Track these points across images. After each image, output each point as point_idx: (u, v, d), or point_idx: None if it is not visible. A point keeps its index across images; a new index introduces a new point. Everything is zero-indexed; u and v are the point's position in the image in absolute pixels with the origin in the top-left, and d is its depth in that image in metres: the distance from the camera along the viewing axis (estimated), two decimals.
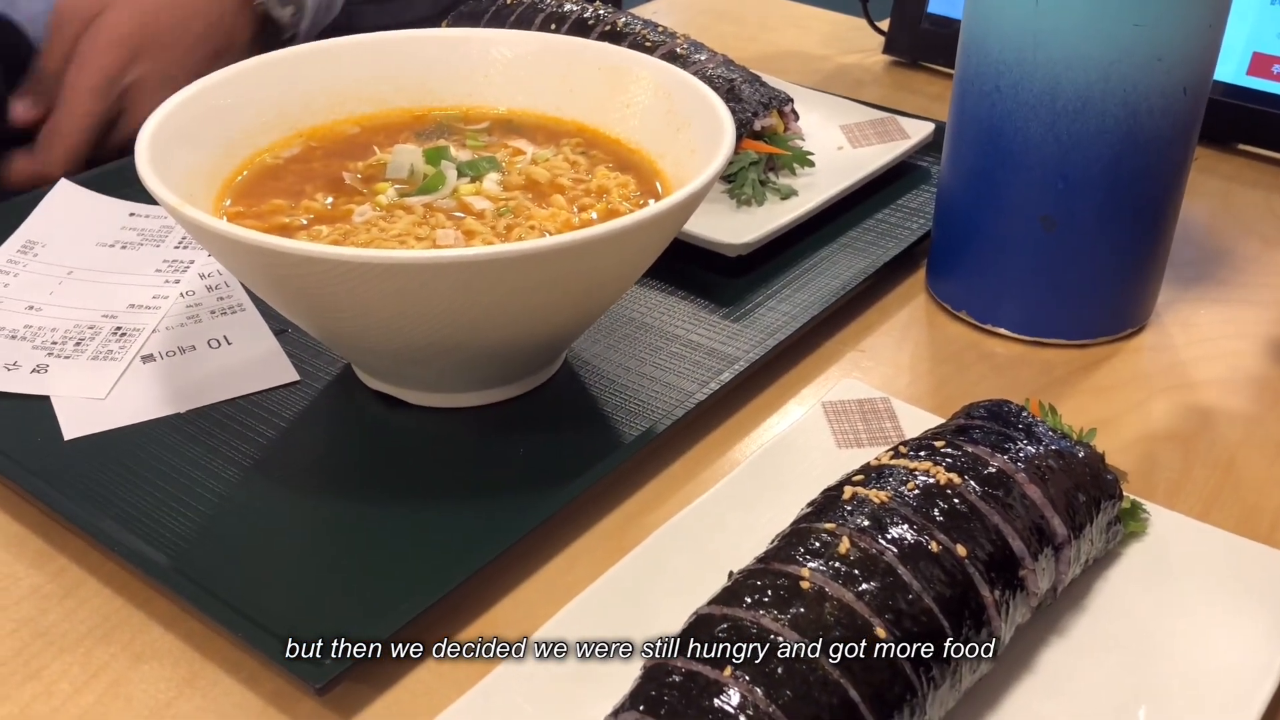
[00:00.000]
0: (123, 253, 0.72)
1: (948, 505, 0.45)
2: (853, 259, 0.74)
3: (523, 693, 0.45)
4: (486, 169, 0.63)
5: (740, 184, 0.77)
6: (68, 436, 0.58)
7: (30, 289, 0.68)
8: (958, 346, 0.69)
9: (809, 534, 0.44)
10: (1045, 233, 0.65)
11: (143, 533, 0.53)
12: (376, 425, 0.60)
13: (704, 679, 0.38)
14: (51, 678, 0.48)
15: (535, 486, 0.56)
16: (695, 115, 0.63)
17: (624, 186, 0.63)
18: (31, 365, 0.62)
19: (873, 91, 1.02)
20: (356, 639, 0.47)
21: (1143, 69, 0.60)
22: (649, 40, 0.82)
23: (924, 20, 1.04)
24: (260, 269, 0.53)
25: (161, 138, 0.58)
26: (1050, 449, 0.49)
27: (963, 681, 0.43)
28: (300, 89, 0.67)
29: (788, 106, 0.81)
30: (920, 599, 0.41)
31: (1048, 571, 0.46)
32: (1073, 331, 0.68)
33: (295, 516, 0.55)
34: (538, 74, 0.70)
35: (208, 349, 0.64)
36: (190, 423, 0.60)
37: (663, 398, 0.61)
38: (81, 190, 0.77)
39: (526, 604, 0.52)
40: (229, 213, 0.60)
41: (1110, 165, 0.63)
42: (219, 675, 0.48)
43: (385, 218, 0.60)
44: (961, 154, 0.67)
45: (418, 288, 0.50)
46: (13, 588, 0.52)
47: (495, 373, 0.60)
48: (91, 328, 0.65)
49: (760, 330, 0.67)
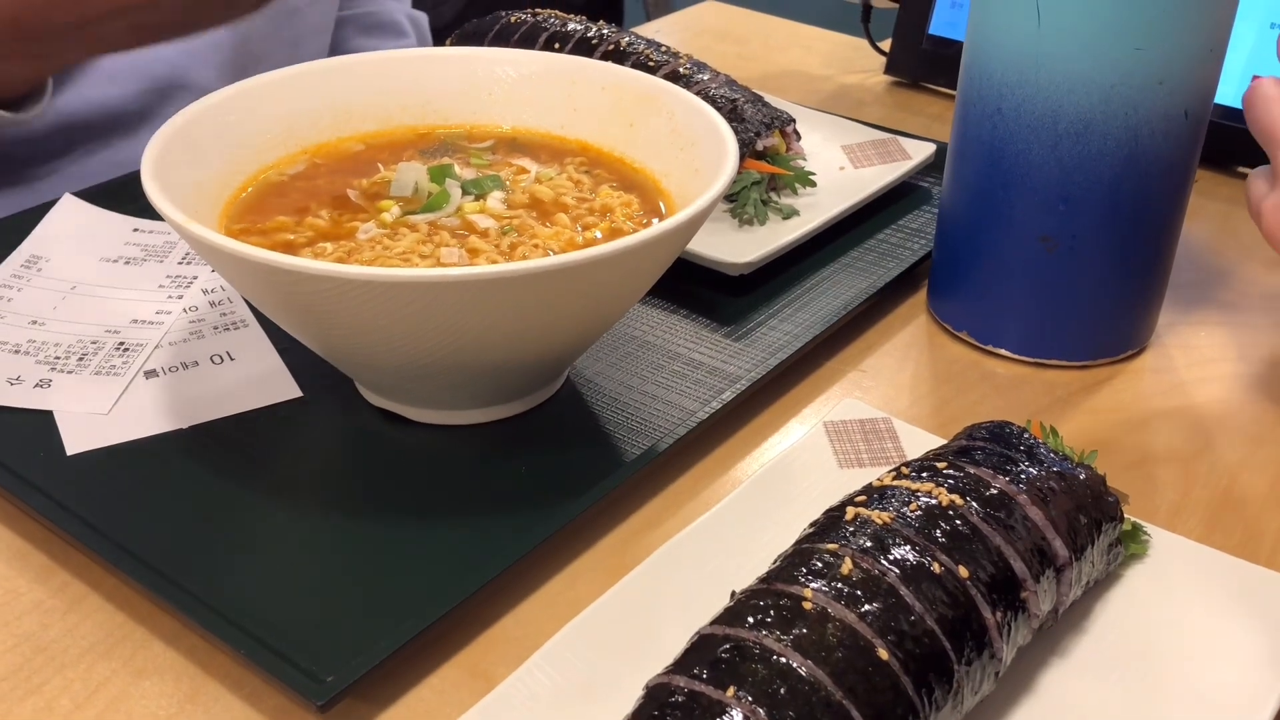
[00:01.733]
0: (126, 268, 0.72)
1: (950, 526, 0.45)
2: (854, 279, 0.74)
3: (524, 711, 0.45)
4: (490, 187, 0.63)
5: (742, 203, 0.77)
6: (70, 452, 0.58)
7: (34, 304, 0.68)
8: (959, 367, 0.69)
9: (811, 554, 0.44)
10: (1047, 254, 0.65)
11: (145, 548, 0.53)
12: (379, 442, 0.60)
13: (706, 699, 0.38)
14: (53, 693, 0.48)
15: (537, 504, 0.56)
16: (698, 135, 0.63)
17: (628, 206, 0.63)
18: (35, 380, 0.62)
19: (874, 112, 1.02)
20: (358, 656, 0.47)
21: (1144, 92, 0.61)
22: (652, 60, 0.83)
23: (925, 41, 1.05)
24: (264, 286, 0.53)
25: (167, 153, 0.58)
26: (1052, 470, 0.49)
27: (964, 703, 0.43)
28: (306, 106, 0.67)
29: (790, 127, 0.82)
30: (922, 620, 0.42)
31: (1049, 593, 0.46)
32: (1074, 353, 0.68)
33: (297, 533, 0.55)
34: (542, 93, 0.70)
35: (210, 365, 0.64)
36: (192, 438, 0.60)
37: (664, 416, 0.62)
38: (86, 205, 0.78)
39: (528, 621, 0.52)
40: (233, 229, 0.60)
41: (1112, 187, 0.63)
42: (220, 692, 0.48)
43: (389, 235, 0.60)
44: (963, 175, 0.68)
45: (421, 306, 0.50)
46: (14, 603, 0.52)
47: (498, 390, 0.60)
48: (95, 342, 0.65)
49: (762, 349, 0.67)
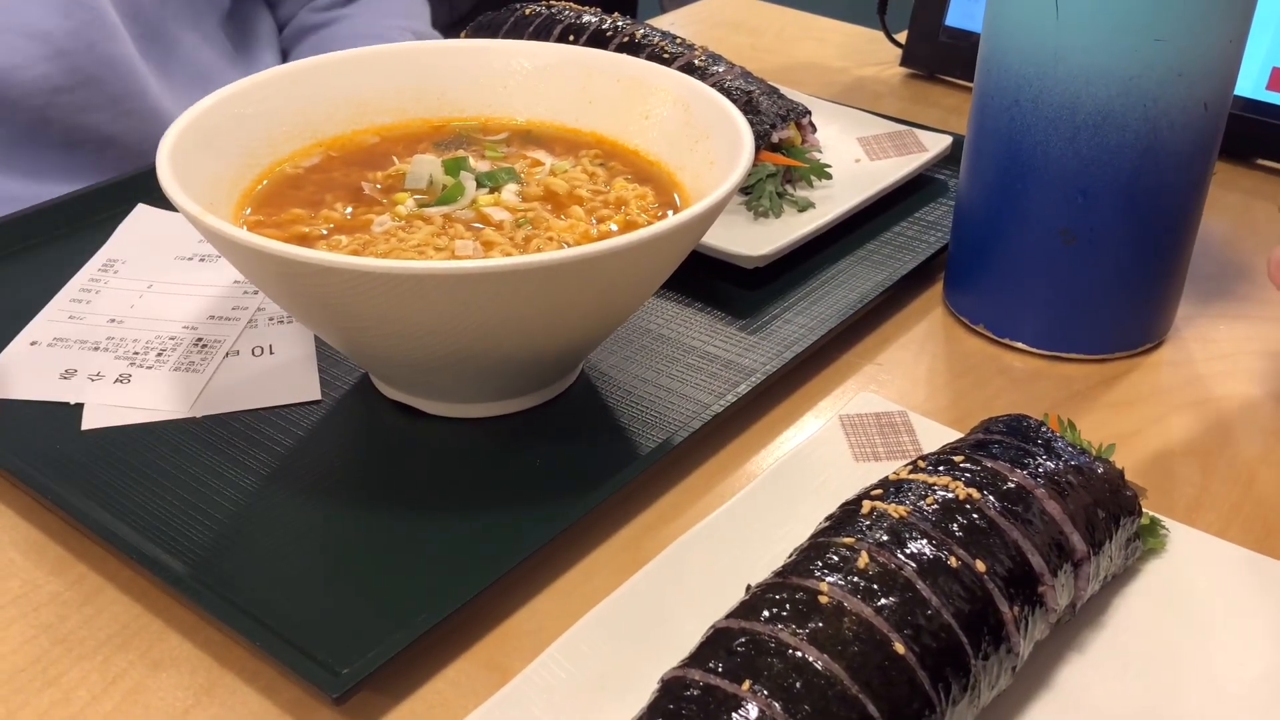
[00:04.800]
0: (201, 265, 0.73)
1: (967, 520, 0.45)
2: (870, 272, 0.74)
3: (540, 704, 0.45)
4: (505, 180, 0.63)
5: (757, 196, 0.77)
6: (85, 427, 0.59)
7: (112, 304, 0.69)
8: (975, 360, 0.69)
9: (827, 548, 0.43)
10: (1064, 247, 0.65)
11: (161, 540, 0.53)
12: (394, 435, 0.61)
13: (722, 693, 0.38)
14: (70, 685, 0.48)
15: (552, 497, 0.56)
16: (714, 127, 0.63)
17: (642, 198, 0.63)
18: (115, 375, 0.63)
19: (890, 104, 1.02)
20: (374, 648, 0.47)
21: (1163, 84, 0.60)
22: (667, 52, 0.82)
23: (941, 33, 1.04)
24: (279, 278, 0.53)
25: (183, 146, 0.58)
26: (1069, 465, 0.49)
27: (981, 698, 0.42)
28: (321, 98, 0.67)
29: (805, 119, 0.81)
30: (939, 614, 0.41)
31: (1067, 588, 0.46)
32: (1091, 346, 0.68)
33: (313, 525, 0.55)
34: (556, 85, 0.70)
35: (251, 356, 0.65)
36: (209, 430, 0.60)
37: (679, 409, 0.61)
38: (158, 211, 0.78)
39: (544, 614, 0.52)
40: (249, 221, 0.60)
41: (1130, 180, 0.63)
42: (237, 684, 0.48)
43: (404, 228, 0.60)
44: (980, 167, 0.67)
45: (436, 299, 0.50)
46: (32, 594, 0.52)
47: (513, 383, 0.60)
48: (173, 339, 0.66)
49: (777, 342, 0.67)
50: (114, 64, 0.93)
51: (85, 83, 0.92)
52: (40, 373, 0.63)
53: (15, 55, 0.89)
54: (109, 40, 0.93)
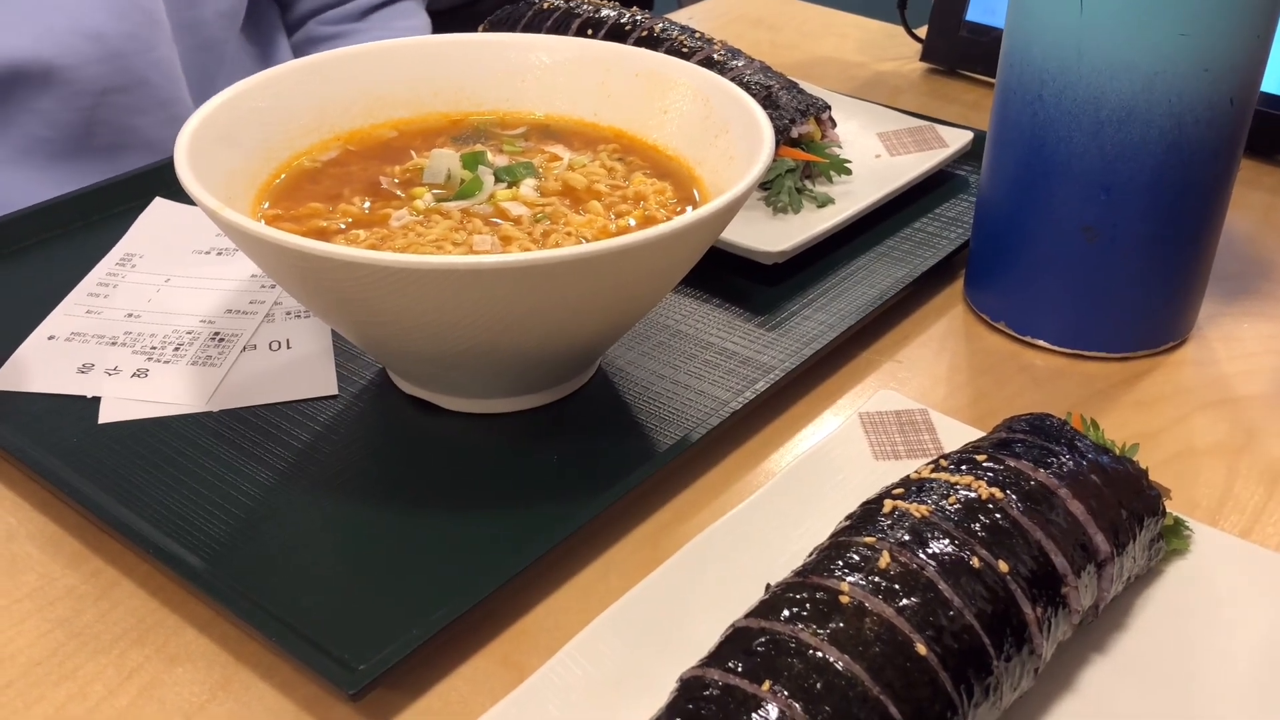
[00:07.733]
0: (219, 259, 0.73)
1: (989, 520, 0.44)
2: (890, 268, 0.73)
3: (557, 702, 0.44)
4: (523, 174, 0.63)
5: (777, 191, 0.77)
6: (102, 420, 0.59)
7: (129, 298, 0.69)
8: (996, 358, 0.68)
9: (848, 547, 0.43)
10: (1087, 244, 0.64)
11: (178, 535, 0.53)
12: (411, 431, 0.60)
13: (742, 693, 0.38)
14: (86, 679, 0.48)
15: (569, 493, 0.56)
16: (733, 122, 0.62)
17: (661, 193, 0.63)
18: (132, 370, 0.63)
19: (910, 99, 1.01)
20: (390, 645, 0.47)
21: (1189, 79, 0.60)
22: (686, 46, 0.82)
23: (961, 28, 1.04)
24: (297, 272, 0.52)
25: (201, 139, 0.58)
26: (1093, 464, 0.48)
27: (1003, 699, 0.42)
28: (340, 93, 0.67)
29: (825, 114, 0.81)
30: (961, 615, 0.41)
31: (1090, 589, 0.46)
32: (1113, 344, 0.67)
33: (329, 521, 0.55)
34: (575, 79, 0.69)
35: (268, 351, 0.65)
36: (225, 425, 0.60)
37: (697, 406, 0.61)
38: (175, 205, 0.78)
39: (561, 611, 0.51)
40: (266, 215, 0.60)
41: (1154, 176, 0.62)
42: (252, 679, 0.48)
43: (422, 223, 0.60)
44: (1002, 163, 0.67)
45: (454, 293, 0.50)
46: (49, 588, 0.52)
47: (530, 379, 0.60)
48: (190, 333, 0.66)
49: (796, 339, 0.66)
50: (165, 68, 0.94)
51: (136, 85, 0.93)
52: (57, 366, 0.63)
53: (70, 55, 0.89)
54: (162, 45, 0.93)
